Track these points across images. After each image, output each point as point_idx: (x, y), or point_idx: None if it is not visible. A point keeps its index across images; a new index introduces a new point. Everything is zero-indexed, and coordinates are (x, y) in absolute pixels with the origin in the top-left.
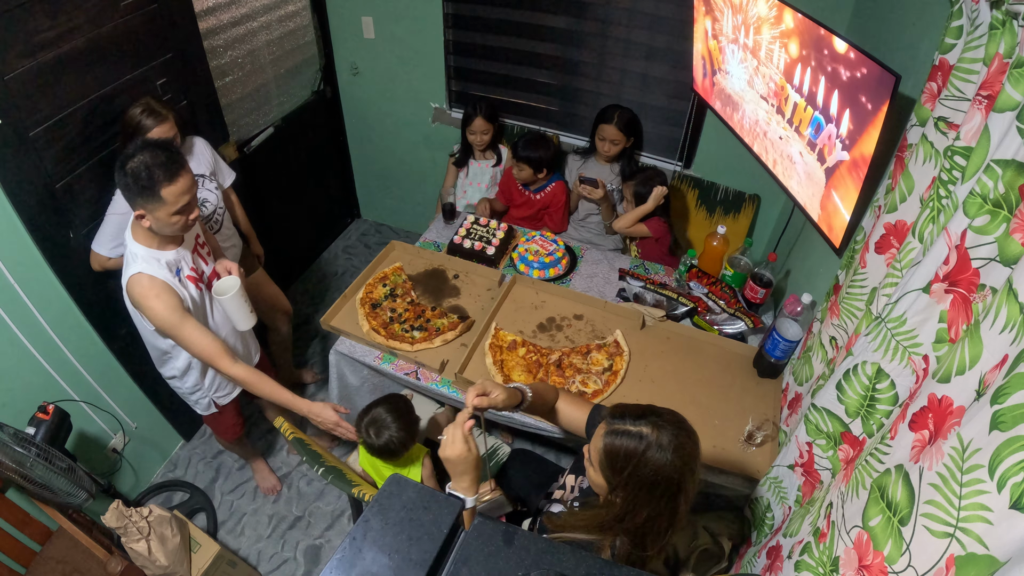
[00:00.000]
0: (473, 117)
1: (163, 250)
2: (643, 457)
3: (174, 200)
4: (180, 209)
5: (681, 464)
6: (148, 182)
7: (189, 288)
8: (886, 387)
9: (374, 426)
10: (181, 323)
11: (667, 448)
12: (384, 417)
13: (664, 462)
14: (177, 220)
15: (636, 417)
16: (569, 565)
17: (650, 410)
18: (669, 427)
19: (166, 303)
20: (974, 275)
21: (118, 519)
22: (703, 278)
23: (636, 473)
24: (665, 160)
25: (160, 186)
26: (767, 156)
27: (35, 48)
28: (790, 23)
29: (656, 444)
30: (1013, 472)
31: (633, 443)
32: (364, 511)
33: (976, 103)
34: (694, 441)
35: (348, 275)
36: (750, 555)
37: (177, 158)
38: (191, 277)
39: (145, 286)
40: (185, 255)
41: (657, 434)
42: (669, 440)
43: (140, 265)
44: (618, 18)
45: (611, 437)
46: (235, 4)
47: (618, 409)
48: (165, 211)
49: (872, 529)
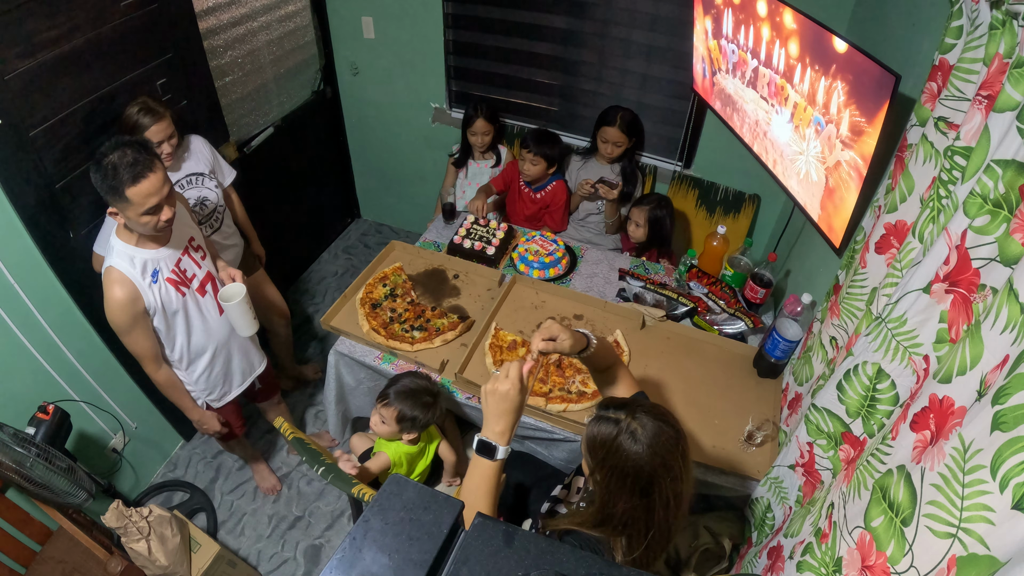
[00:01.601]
0: (475, 118)
1: (141, 247)
2: (615, 442)
3: (140, 201)
4: (149, 210)
5: (652, 457)
6: (114, 181)
7: (165, 291)
8: (887, 387)
9: (427, 394)
10: (132, 326)
11: (640, 439)
12: (431, 393)
13: (635, 452)
14: (148, 220)
15: (619, 407)
16: (569, 565)
17: (635, 402)
18: (648, 419)
19: (125, 305)
20: (974, 275)
21: (118, 519)
22: (703, 278)
23: (608, 460)
24: (665, 160)
25: (124, 186)
26: (767, 156)
27: (35, 48)
28: (790, 23)
29: (628, 432)
30: (1015, 472)
31: (609, 428)
32: (364, 511)
33: (976, 103)
34: (675, 440)
35: (348, 275)
36: (751, 555)
37: (145, 159)
38: (171, 280)
39: (111, 278)
40: (169, 256)
41: (631, 422)
42: (644, 432)
43: (113, 259)
44: (618, 18)
45: (593, 422)
46: (235, 4)
47: (604, 400)
48: (133, 211)
49: (875, 529)
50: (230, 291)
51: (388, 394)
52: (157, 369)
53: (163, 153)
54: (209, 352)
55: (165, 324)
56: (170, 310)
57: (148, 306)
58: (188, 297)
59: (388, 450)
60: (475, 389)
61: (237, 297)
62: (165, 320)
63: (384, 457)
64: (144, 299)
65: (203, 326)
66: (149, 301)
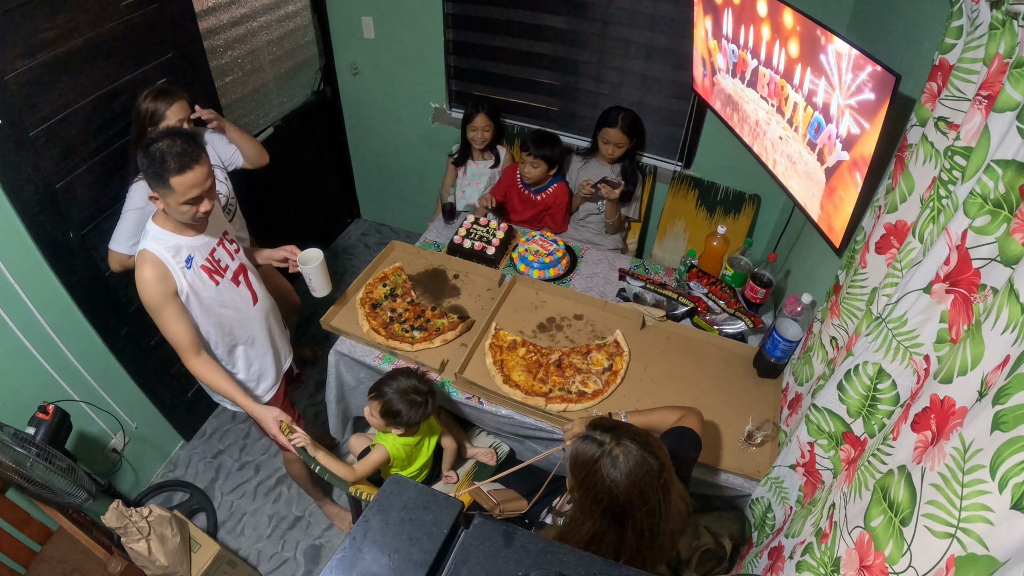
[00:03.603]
0: (475, 114)
1: (178, 234)
2: (595, 465)
3: (183, 191)
4: (190, 200)
5: (629, 487)
6: (160, 168)
7: (199, 278)
8: (887, 387)
9: (415, 393)
10: (163, 305)
11: (620, 466)
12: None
13: (612, 478)
14: (187, 210)
15: (607, 429)
16: (569, 565)
17: (624, 427)
18: (634, 447)
19: (155, 283)
20: (975, 275)
21: (118, 519)
22: (703, 278)
23: (586, 481)
24: (665, 160)
25: (170, 175)
26: (767, 156)
27: (35, 48)
28: (790, 23)
29: (610, 456)
30: (1014, 472)
31: (592, 449)
32: (364, 511)
33: (976, 103)
34: (657, 472)
35: (348, 275)
36: (751, 556)
37: (193, 151)
38: (206, 268)
39: (143, 259)
40: (204, 245)
41: (615, 447)
42: (626, 459)
43: (147, 242)
44: (618, 18)
45: (578, 441)
46: (235, 4)
47: (596, 420)
48: (174, 199)
49: (874, 529)
50: (309, 255)
51: (377, 387)
52: (195, 359)
53: None
54: (246, 342)
55: (200, 313)
56: (204, 297)
57: (179, 289)
58: (223, 286)
59: (386, 442)
60: (475, 389)
61: (317, 260)
62: (200, 309)
63: (382, 449)
64: (175, 280)
65: (238, 316)
66: (180, 284)
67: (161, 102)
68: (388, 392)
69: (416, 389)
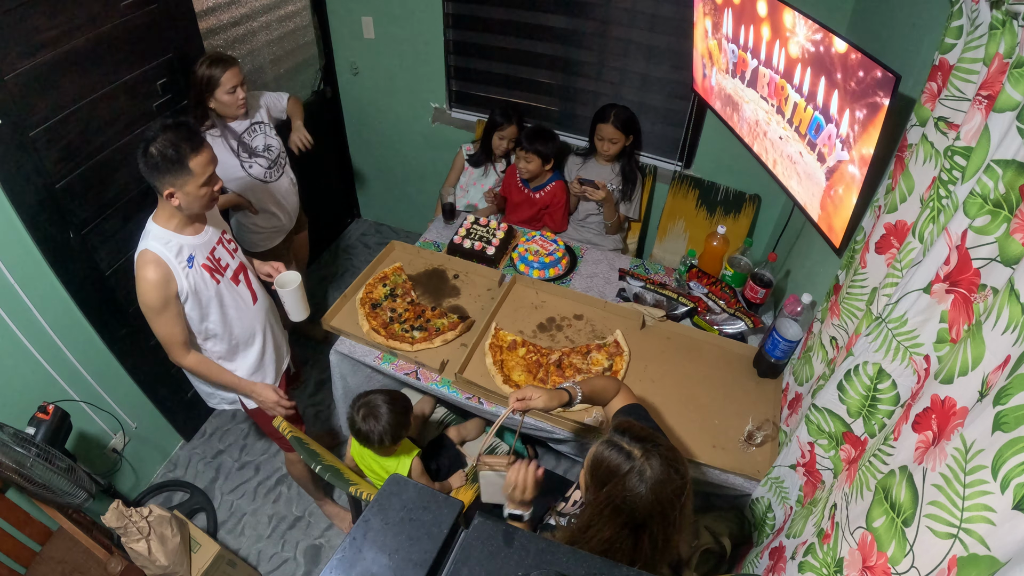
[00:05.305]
0: (507, 124)
1: (180, 233)
2: (623, 478)
3: (201, 170)
4: (207, 180)
5: (652, 503)
6: (176, 155)
7: (200, 277)
8: (887, 387)
9: (366, 408)
10: (163, 308)
11: (646, 480)
12: (379, 406)
13: (638, 493)
14: (205, 192)
15: (635, 438)
16: (569, 565)
17: (652, 437)
18: (659, 460)
19: (157, 286)
20: (975, 275)
21: (118, 519)
22: (703, 278)
23: (609, 490)
24: (665, 160)
25: (188, 157)
26: (767, 156)
27: (35, 48)
28: (790, 23)
29: (638, 472)
30: (1016, 473)
31: (619, 460)
32: (364, 511)
33: (976, 103)
34: (680, 490)
35: (348, 275)
36: (752, 556)
37: (196, 133)
38: (206, 266)
39: (145, 260)
40: (204, 244)
41: (644, 462)
42: (652, 473)
43: (149, 242)
44: (618, 18)
45: (604, 446)
46: (235, 4)
47: (623, 424)
48: (194, 183)
49: (876, 530)
50: (287, 278)
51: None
52: (185, 355)
53: (239, 98)
54: (246, 341)
55: (199, 312)
56: (204, 296)
57: (180, 290)
58: (223, 285)
59: (353, 450)
60: (475, 389)
61: (294, 284)
62: (199, 307)
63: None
64: (177, 282)
65: (238, 315)
66: (182, 284)
67: (217, 68)
68: (360, 399)
69: (370, 404)
